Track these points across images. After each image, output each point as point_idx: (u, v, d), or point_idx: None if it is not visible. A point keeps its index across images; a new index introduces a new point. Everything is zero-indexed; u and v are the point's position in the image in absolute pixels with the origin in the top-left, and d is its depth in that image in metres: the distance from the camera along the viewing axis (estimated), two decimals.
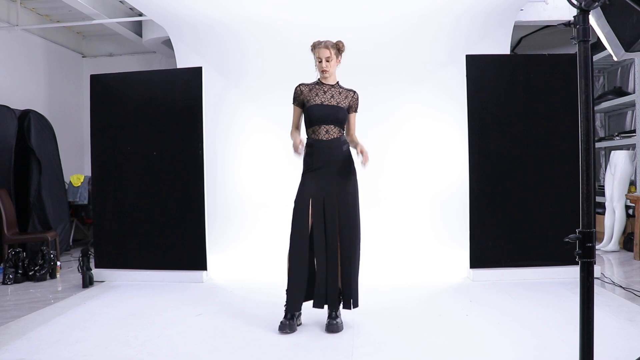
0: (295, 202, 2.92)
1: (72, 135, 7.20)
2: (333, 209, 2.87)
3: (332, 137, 2.89)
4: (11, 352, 2.64)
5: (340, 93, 2.94)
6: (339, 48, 2.92)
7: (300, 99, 2.96)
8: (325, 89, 2.93)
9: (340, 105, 2.91)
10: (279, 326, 2.85)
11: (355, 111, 3.02)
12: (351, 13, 4.76)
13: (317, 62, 2.91)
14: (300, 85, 2.98)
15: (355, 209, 2.93)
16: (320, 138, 2.89)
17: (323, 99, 2.90)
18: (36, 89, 6.57)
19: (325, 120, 2.88)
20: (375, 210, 5.11)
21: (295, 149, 2.83)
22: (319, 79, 2.97)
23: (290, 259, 2.90)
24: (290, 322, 2.85)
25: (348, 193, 2.90)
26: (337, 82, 2.98)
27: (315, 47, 2.91)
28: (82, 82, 7.35)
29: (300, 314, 2.96)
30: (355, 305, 2.93)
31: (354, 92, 2.99)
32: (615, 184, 5.22)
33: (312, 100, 2.91)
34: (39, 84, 6.67)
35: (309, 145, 2.93)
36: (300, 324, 2.96)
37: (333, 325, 2.84)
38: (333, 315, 2.88)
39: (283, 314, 2.90)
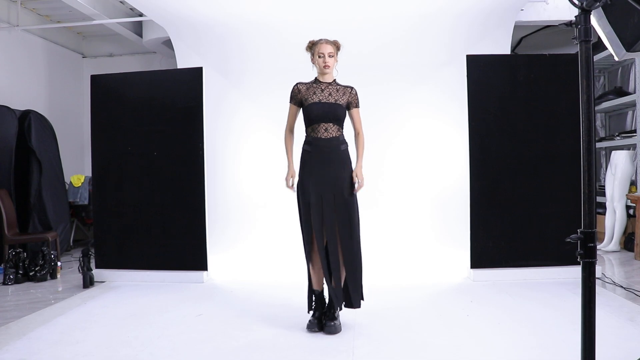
0: (297, 201, 2.95)
1: (73, 135, 7.21)
2: (330, 208, 2.86)
3: (331, 135, 2.88)
4: (12, 352, 2.64)
5: (337, 90, 2.93)
6: (337, 46, 2.96)
7: (298, 97, 2.96)
8: (323, 87, 2.92)
9: (338, 102, 2.90)
10: (307, 325, 2.88)
11: (357, 106, 2.99)
12: (351, 14, 4.76)
13: (318, 58, 2.89)
14: (298, 83, 2.98)
15: (353, 207, 2.89)
16: (319, 136, 2.88)
17: (321, 97, 2.90)
18: (36, 90, 6.58)
19: (324, 118, 2.87)
20: (375, 211, 5.11)
21: (287, 183, 2.95)
22: (316, 78, 2.97)
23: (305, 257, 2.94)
24: (318, 320, 2.87)
25: (344, 193, 2.86)
26: (334, 80, 2.97)
27: (315, 43, 2.92)
28: (82, 82, 7.36)
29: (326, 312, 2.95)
30: (358, 305, 2.90)
31: (352, 87, 2.98)
32: (616, 184, 5.22)
33: (310, 99, 2.91)
34: (40, 85, 6.67)
35: (308, 142, 2.93)
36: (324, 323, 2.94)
37: (331, 327, 2.82)
38: (331, 317, 2.87)
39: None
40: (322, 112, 2.87)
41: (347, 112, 2.97)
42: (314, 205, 2.86)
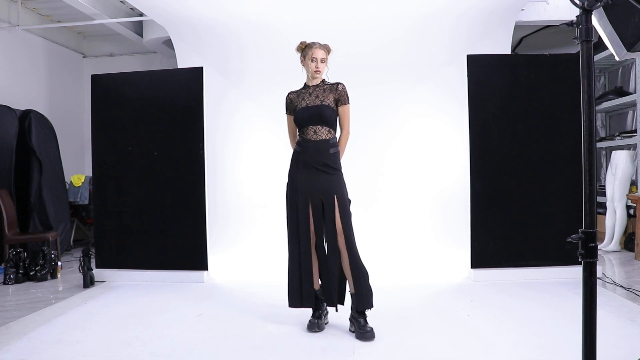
0: (286, 201, 2.93)
1: (73, 135, 7.21)
2: (319, 212, 2.84)
3: (320, 138, 2.85)
4: (12, 352, 2.64)
5: (324, 90, 2.89)
6: (329, 51, 2.93)
7: (291, 107, 2.97)
8: (311, 91, 2.91)
9: (324, 103, 2.85)
10: (308, 325, 2.87)
11: (345, 103, 2.90)
12: (351, 14, 4.75)
13: (310, 62, 2.86)
14: (289, 93, 2.99)
15: (344, 210, 2.82)
16: (308, 138, 2.87)
17: (308, 102, 2.89)
18: (37, 89, 6.58)
19: (310, 121, 2.85)
20: (375, 210, 5.11)
21: None
22: (305, 83, 2.96)
23: (289, 258, 2.91)
24: (318, 321, 2.87)
25: (335, 196, 2.82)
26: (322, 80, 2.94)
27: (309, 47, 2.88)
28: (82, 82, 7.36)
29: (327, 312, 2.96)
30: (369, 306, 2.83)
31: (339, 83, 2.90)
32: (616, 184, 5.22)
33: (298, 105, 2.90)
34: (40, 84, 6.67)
35: (298, 144, 2.92)
36: (327, 322, 2.96)
37: (368, 333, 2.70)
38: (363, 322, 2.76)
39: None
40: (308, 115, 2.85)
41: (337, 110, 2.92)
42: (301, 206, 2.85)
